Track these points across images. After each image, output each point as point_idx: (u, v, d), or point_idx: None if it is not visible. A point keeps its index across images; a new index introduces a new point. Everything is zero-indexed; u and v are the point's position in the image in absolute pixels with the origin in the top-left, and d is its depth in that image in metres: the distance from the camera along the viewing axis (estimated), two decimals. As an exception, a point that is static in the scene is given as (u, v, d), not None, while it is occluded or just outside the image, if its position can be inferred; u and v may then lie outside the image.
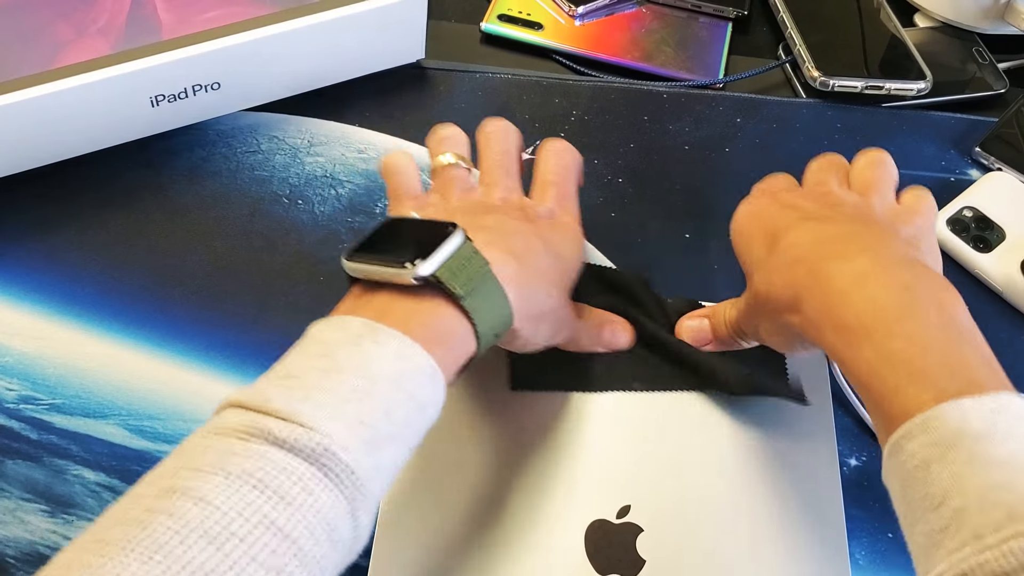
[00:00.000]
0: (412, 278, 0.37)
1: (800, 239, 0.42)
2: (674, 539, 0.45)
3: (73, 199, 0.57)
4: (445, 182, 0.47)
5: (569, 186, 0.49)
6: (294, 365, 0.35)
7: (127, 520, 0.29)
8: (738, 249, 0.47)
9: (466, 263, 0.38)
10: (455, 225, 0.39)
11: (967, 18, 0.71)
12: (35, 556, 0.44)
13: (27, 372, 0.50)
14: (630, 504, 0.46)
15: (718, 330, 0.49)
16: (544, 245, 0.43)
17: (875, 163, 0.48)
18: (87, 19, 0.55)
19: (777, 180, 0.50)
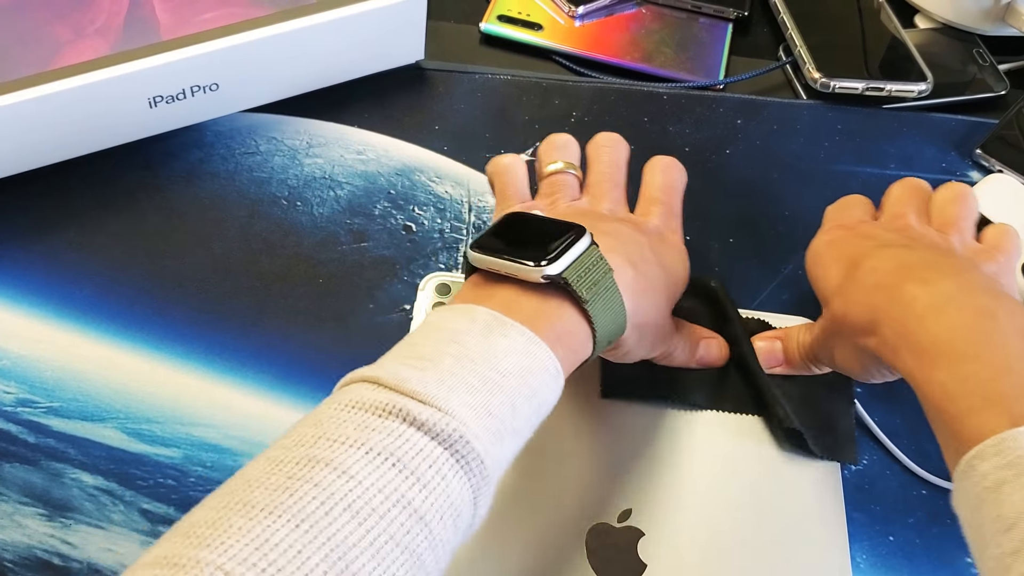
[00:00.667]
0: (541, 276, 0.37)
1: (880, 265, 0.42)
2: (675, 543, 0.45)
3: (71, 201, 0.56)
4: (553, 189, 0.47)
5: (675, 204, 0.49)
6: (424, 348, 0.35)
7: (271, 485, 0.29)
8: (814, 276, 0.47)
9: (592, 267, 0.38)
10: (583, 228, 0.39)
11: (968, 19, 0.70)
12: (33, 560, 0.44)
13: (24, 375, 0.49)
14: (631, 508, 0.46)
15: (790, 353, 0.49)
16: (656, 257, 0.44)
17: (956, 199, 0.47)
18: (85, 20, 0.55)
19: (852, 207, 0.49)
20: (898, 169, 0.62)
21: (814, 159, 0.62)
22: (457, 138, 0.61)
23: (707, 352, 0.50)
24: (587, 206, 0.47)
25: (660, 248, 0.45)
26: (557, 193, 0.47)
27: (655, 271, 0.43)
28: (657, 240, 0.45)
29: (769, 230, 0.59)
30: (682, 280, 0.46)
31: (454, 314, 0.37)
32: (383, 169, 0.60)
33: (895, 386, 0.52)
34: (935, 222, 0.46)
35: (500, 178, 0.49)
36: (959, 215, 0.46)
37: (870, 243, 0.44)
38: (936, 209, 0.47)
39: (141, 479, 0.46)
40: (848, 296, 0.43)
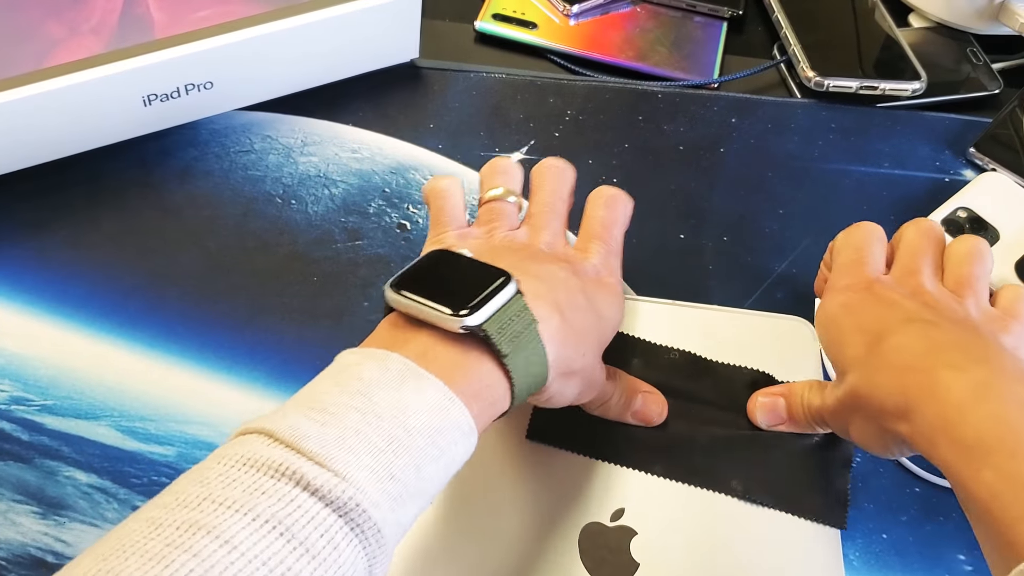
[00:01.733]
0: (460, 327, 0.36)
1: (909, 343, 0.40)
2: (668, 542, 0.45)
3: (65, 199, 0.56)
4: (492, 216, 0.46)
5: (616, 242, 0.47)
6: (330, 398, 0.33)
7: (147, 553, 0.28)
8: (827, 342, 0.44)
9: (515, 317, 0.37)
10: (508, 275, 0.38)
11: (961, 18, 0.71)
12: (27, 558, 0.44)
13: (18, 373, 0.49)
14: (624, 507, 0.46)
15: (794, 411, 0.47)
16: (587, 302, 0.42)
17: (971, 257, 0.45)
18: (79, 18, 0.55)
19: (864, 252, 0.46)
20: (892, 168, 0.63)
21: (808, 158, 0.63)
22: (452, 136, 0.61)
23: (644, 406, 0.48)
24: (524, 238, 0.45)
25: (594, 292, 0.43)
26: (495, 221, 0.46)
27: (585, 318, 0.41)
28: (592, 284, 0.43)
29: (763, 228, 0.59)
30: (615, 324, 0.44)
31: (366, 359, 0.35)
32: (378, 167, 0.60)
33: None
34: (949, 281, 0.44)
35: (435, 202, 0.47)
36: (974, 275, 0.44)
37: (893, 314, 0.42)
38: (951, 266, 0.45)
39: (135, 477, 0.46)
40: (874, 375, 0.40)
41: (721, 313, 0.53)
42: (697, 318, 0.53)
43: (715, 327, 0.52)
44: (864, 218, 0.60)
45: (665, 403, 0.48)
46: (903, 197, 0.61)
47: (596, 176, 0.61)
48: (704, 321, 0.53)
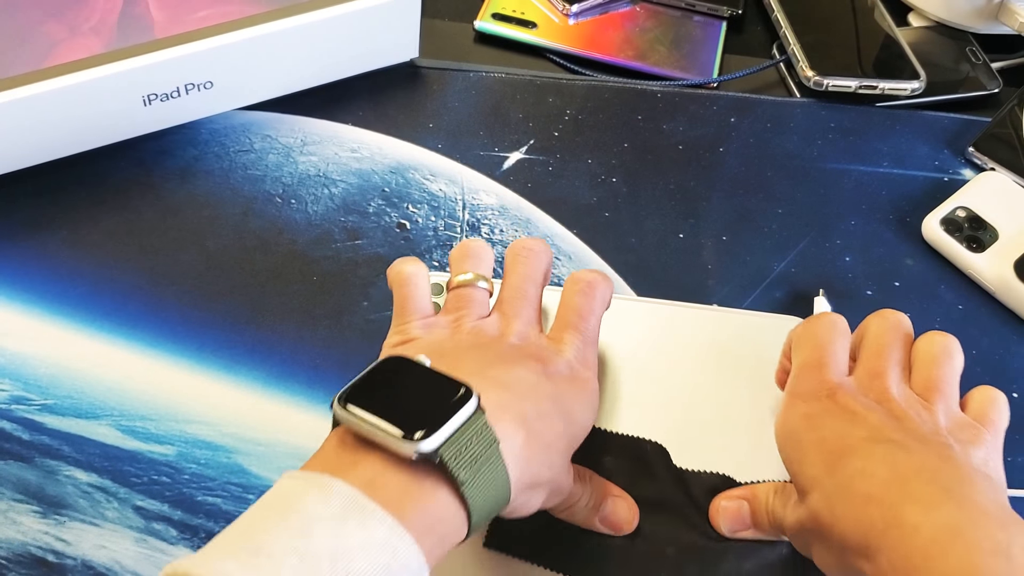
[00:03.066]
0: (413, 452, 0.32)
1: (873, 469, 0.37)
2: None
3: (65, 198, 0.56)
4: (460, 304, 0.44)
5: (592, 332, 0.44)
6: (266, 537, 0.30)
7: None
8: (788, 457, 0.41)
9: (474, 439, 0.34)
10: (469, 391, 0.35)
11: (961, 18, 0.71)
12: (27, 557, 0.44)
13: (19, 372, 0.50)
14: None
15: (758, 517, 0.44)
16: (557, 409, 0.39)
17: (940, 359, 0.42)
18: (79, 18, 0.55)
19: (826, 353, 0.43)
20: (891, 167, 0.63)
21: (807, 157, 0.63)
22: (451, 136, 0.62)
23: (613, 512, 0.44)
24: (494, 330, 0.42)
25: (566, 394, 0.40)
26: (463, 309, 0.43)
27: (553, 426, 0.38)
28: (565, 384, 0.40)
29: (763, 228, 0.59)
30: (586, 426, 0.42)
31: (309, 487, 0.32)
32: (377, 167, 0.60)
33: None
34: (917, 383, 0.42)
35: (399, 290, 0.44)
36: (943, 378, 0.41)
37: (856, 431, 0.39)
38: (920, 366, 0.42)
39: (135, 476, 0.47)
40: (836, 503, 0.37)
41: (720, 313, 0.53)
42: (696, 319, 0.53)
43: (714, 327, 0.52)
44: (863, 217, 0.60)
45: (636, 509, 0.45)
46: (902, 196, 0.61)
47: (596, 176, 0.61)
48: (703, 321, 0.53)
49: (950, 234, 0.58)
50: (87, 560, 0.44)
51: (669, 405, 0.50)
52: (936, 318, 0.56)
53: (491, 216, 0.58)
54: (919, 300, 0.56)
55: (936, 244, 0.58)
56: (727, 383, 0.50)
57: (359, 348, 0.52)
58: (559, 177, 0.60)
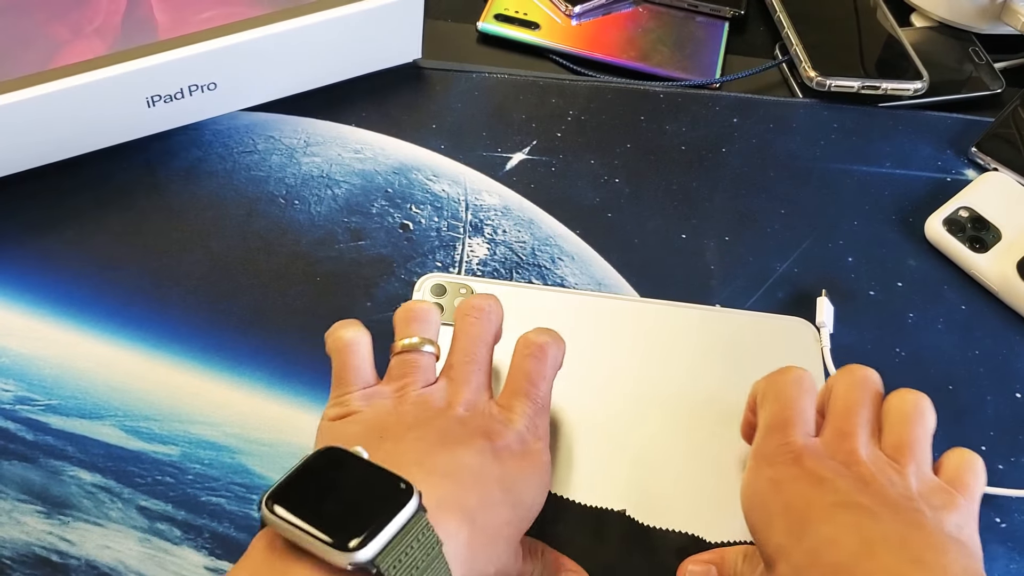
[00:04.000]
0: (348, 564, 0.30)
1: (840, 538, 0.36)
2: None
3: (69, 200, 0.57)
4: (405, 369, 0.42)
5: (543, 398, 0.42)
6: None
7: None
8: (753, 523, 0.40)
9: (415, 544, 0.32)
10: (410, 489, 0.33)
11: (964, 18, 0.71)
12: (31, 557, 0.44)
13: (23, 373, 0.50)
14: (625, 508, 0.46)
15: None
16: (505, 495, 0.37)
17: (912, 419, 0.40)
18: (83, 19, 0.55)
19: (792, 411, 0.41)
20: (894, 167, 0.63)
21: (810, 157, 0.63)
22: (454, 137, 0.62)
23: None
24: (440, 400, 0.40)
25: (516, 473, 0.38)
26: (408, 376, 0.41)
27: (500, 515, 0.37)
28: (515, 463, 0.39)
29: (765, 228, 0.59)
30: (537, 506, 0.40)
31: None
32: (380, 168, 0.60)
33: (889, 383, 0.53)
34: (888, 444, 0.40)
35: (338, 357, 0.42)
36: (915, 439, 0.40)
37: (823, 497, 0.37)
38: (891, 426, 0.41)
39: (139, 476, 0.47)
40: (800, 570, 0.36)
41: (722, 314, 0.54)
42: (699, 319, 0.53)
43: (716, 328, 0.53)
44: (866, 218, 0.60)
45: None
46: (905, 196, 0.61)
47: (598, 176, 0.61)
48: (705, 322, 0.53)
49: (953, 234, 0.58)
50: (91, 560, 0.44)
51: (670, 406, 0.50)
52: (939, 319, 0.56)
53: (494, 217, 0.58)
54: (922, 301, 0.57)
55: (939, 244, 0.58)
56: (729, 384, 0.50)
57: (362, 348, 0.52)
58: (562, 178, 0.60)
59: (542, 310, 0.53)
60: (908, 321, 0.56)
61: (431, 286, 0.53)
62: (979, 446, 0.51)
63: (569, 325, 0.51)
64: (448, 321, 0.51)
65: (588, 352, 0.51)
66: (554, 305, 0.53)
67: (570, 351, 0.48)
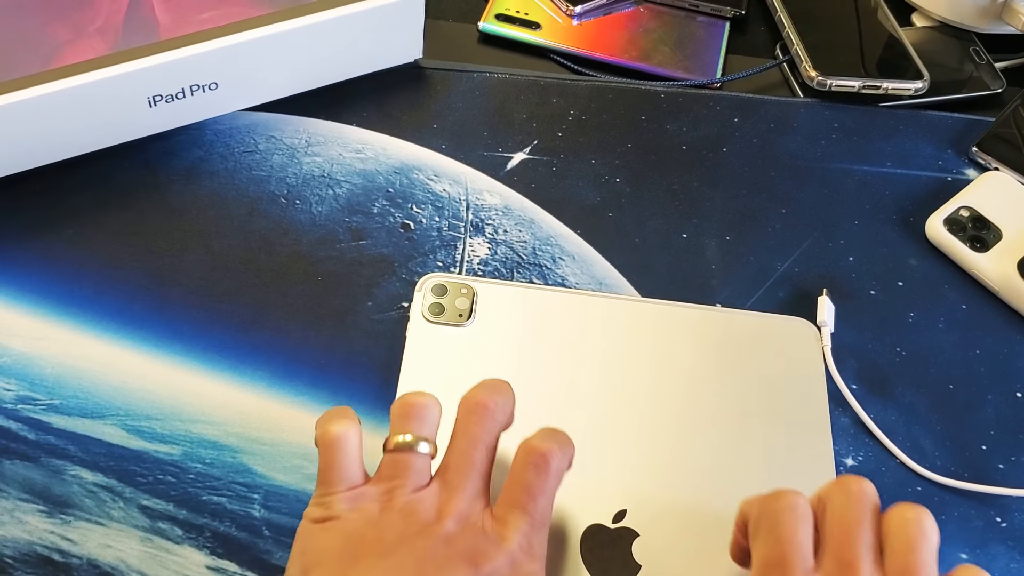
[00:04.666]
0: None
1: None
2: (670, 544, 0.45)
3: (71, 199, 0.57)
4: (395, 470, 0.40)
5: (541, 514, 0.40)
6: None
7: None
8: None
9: None
10: None
11: (965, 17, 0.71)
12: (33, 556, 0.44)
13: (25, 372, 0.50)
14: (626, 509, 0.46)
15: None
16: None
17: (917, 542, 0.38)
18: (85, 19, 0.55)
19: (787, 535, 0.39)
20: (894, 167, 0.63)
21: (811, 157, 0.63)
22: (455, 136, 0.62)
23: None
24: (430, 510, 0.38)
25: None
26: (398, 479, 0.39)
27: None
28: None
29: (766, 228, 0.59)
30: None
31: None
32: (381, 168, 0.60)
33: (890, 382, 0.53)
34: (893, 569, 0.37)
35: (325, 454, 0.40)
36: (922, 564, 0.37)
37: None
38: (894, 550, 0.38)
39: (140, 476, 0.47)
40: None
41: (724, 314, 0.54)
42: (699, 319, 0.53)
43: (717, 328, 0.53)
44: (866, 217, 0.60)
45: None
46: (906, 196, 0.61)
47: (599, 176, 0.61)
48: (706, 322, 0.53)
49: (954, 234, 0.58)
50: (93, 559, 0.44)
51: (673, 406, 0.50)
52: (939, 318, 0.56)
53: (495, 216, 0.58)
54: (922, 300, 0.57)
55: (940, 244, 0.58)
56: (731, 385, 0.50)
57: (363, 348, 0.52)
58: (563, 177, 0.60)
59: (543, 310, 0.53)
60: (909, 320, 0.56)
61: (432, 286, 0.53)
62: (979, 445, 0.51)
63: (569, 325, 0.51)
64: (450, 321, 0.51)
65: (588, 352, 0.51)
66: (555, 305, 0.53)
67: (570, 351, 0.48)
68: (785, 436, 0.49)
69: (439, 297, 0.52)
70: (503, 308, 0.52)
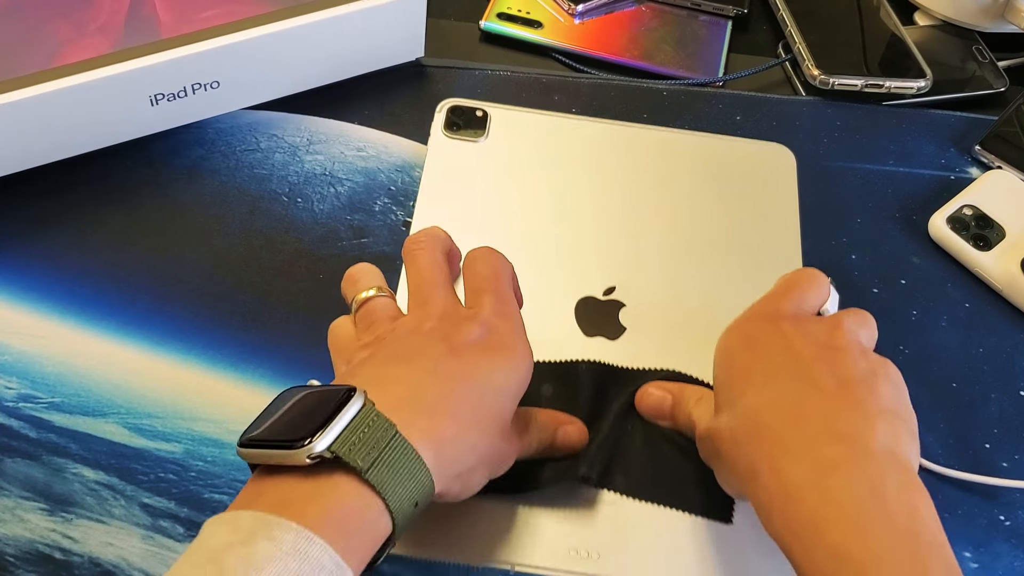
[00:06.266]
0: (307, 457, 0.33)
1: (777, 402, 0.39)
2: (650, 312, 0.53)
3: (72, 198, 0.57)
4: (369, 318, 0.44)
5: (504, 290, 0.44)
6: (182, 568, 0.32)
7: None
8: (717, 372, 0.43)
9: (368, 430, 0.34)
10: (353, 389, 0.36)
11: (967, 16, 0.70)
12: (34, 554, 0.44)
13: (26, 370, 0.50)
14: (615, 285, 0.54)
15: (678, 416, 0.46)
16: (469, 385, 0.39)
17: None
18: (87, 18, 0.55)
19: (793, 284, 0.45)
20: (897, 165, 0.63)
21: (813, 156, 0.63)
22: (457, 135, 0.62)
23: (565, 439, 0.46)
24: (411, 322, 0.42)
25: (479, 363, 0.40)
26: (373, 319, 0.44)
27: (466, 404, 0.39)
28: (477, 352, 0.40)
29: (768, 226, 0.59)
30: (511, 389, 0.41)
31: (220, 527, 0.33)
32: (383, 166, 0.60)
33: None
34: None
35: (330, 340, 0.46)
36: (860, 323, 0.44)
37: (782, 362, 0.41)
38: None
39: (142, 474, 0.47)
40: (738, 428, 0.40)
41: (706, 139, 0.61)
42: (684, 144, 0.61)
43: (700, 152, 0.60)
44: (869, 215, 0.60)
45: (585, 431, 0.46)
46: (908, 194, 0.61)
47: (601, 174, 0.61)
48: (690, 146, 0.61)
49: (956, 232, 0.58)
50: (94, 557, 0.44)
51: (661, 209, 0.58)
52: (942, 316, 0.56)
53: (497, 215, 0.58)
54: (925, 298, 0.56)
55: (942, 242, 0.58)
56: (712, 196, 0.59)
57: (365, 346, 0.52)
58: (565, 176, 0.60)
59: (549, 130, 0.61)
60: (912, 319, 0.56)
61: (450, 107, 0.61)
62: (983, 443, 0.51)
63: (572, 141, 0.60)
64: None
65: (588, 165, 0.59)
66: (560, 126, 0.61)
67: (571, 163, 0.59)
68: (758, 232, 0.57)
69: (456, 117, 0.60)
70: (513, 128, 0.61)
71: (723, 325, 0.45)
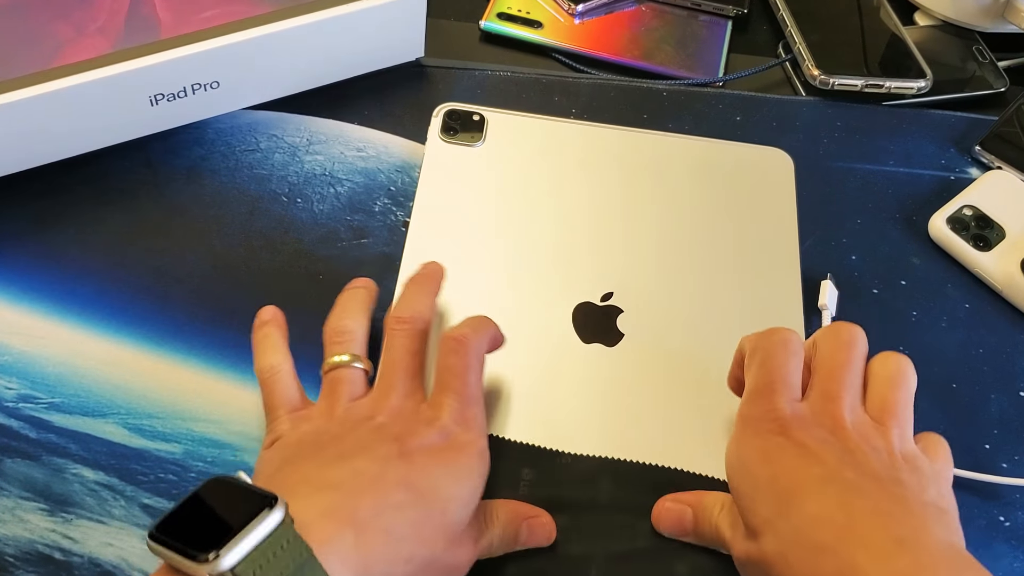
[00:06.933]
0: (208, 574, 0.32)
1: (826, 514, 0.37)
2: (647, 318, 0.52)
3: (72, 198, 0.57)
4: (333, 386, 0.44)
5: (471, 389, 0.43)
6: None
7: None
8: (739, 492, 0.40)
9: (281, 551, 0.33)
10: (273, 500, 0.34)
11: (967, 16, 0.70)
12: (34, 554, 0.44)
13: (26, 371, 0.50)
14: (612, 291, 0.53)
15: (701, 528, 0.44)
16: (410, 494, 0.38)
17: (896, 381, 0.42)
18: (86, 18, 0.55)
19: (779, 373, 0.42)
20: (897, 165, 0.63)
21: (813, 156, 0.63)
22: (457, 135, 0.62)
23: (530, 537, 0.43)
24: (366, 409, 0.42)
25: (428, 469, 0.39)
26: (336, 393, 0.44)
27: (405, 517, 0.37)
28: (429, 457, 0.39)
29: (768, 226, 0.59)
30: (462, 497, 0.40)
31: None
32: (383, 166, 0.60)
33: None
34: (873, 405, 0.41)
35: (262, 388, 0.45)
36: (899, 402, 0.41)
37: (810, 471, 0.38)
38: (875, 389, 0.42)
39: (142, 474, 0.47)
40: (787, 550, 0.37)
41: (704, 143, 0.61)
42: (682, 148, 0.60)
43: (698, 157, 0.60)
44: (869, 216, 0.60)
45: (553, 524, 0.44)
46: (908, 195, 0.61)
47: (601, 174, 0.61)
48: (688, 151, 0.60)
49: (956, 233, 0.58)
50: (94, 558, 0.44)
51: (658, 216, 0.57)
52: (943, 317, 0.56)
53: (497, 215, 0.58)
54: (925, 299, 0.56)
55: (942, 243, 0.58)
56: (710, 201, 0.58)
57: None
58: (565, 176, 0.60)
59: (545, 135, 0.60)
60: (911, 319, 0.56)
61: (447, 111, 0.60)
62: (983, 444, 0.51)
63: (569, 146, 0.60)
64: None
65: (585, 169, 0.59)
66: (556, 131, 0.61)
67: (568, 168, 0.58)
68: (755, 238, 0.56)
69: (453, 121, 0.59)
70: (510, 133, 0.60)
71: (721, 331, 0.45)
